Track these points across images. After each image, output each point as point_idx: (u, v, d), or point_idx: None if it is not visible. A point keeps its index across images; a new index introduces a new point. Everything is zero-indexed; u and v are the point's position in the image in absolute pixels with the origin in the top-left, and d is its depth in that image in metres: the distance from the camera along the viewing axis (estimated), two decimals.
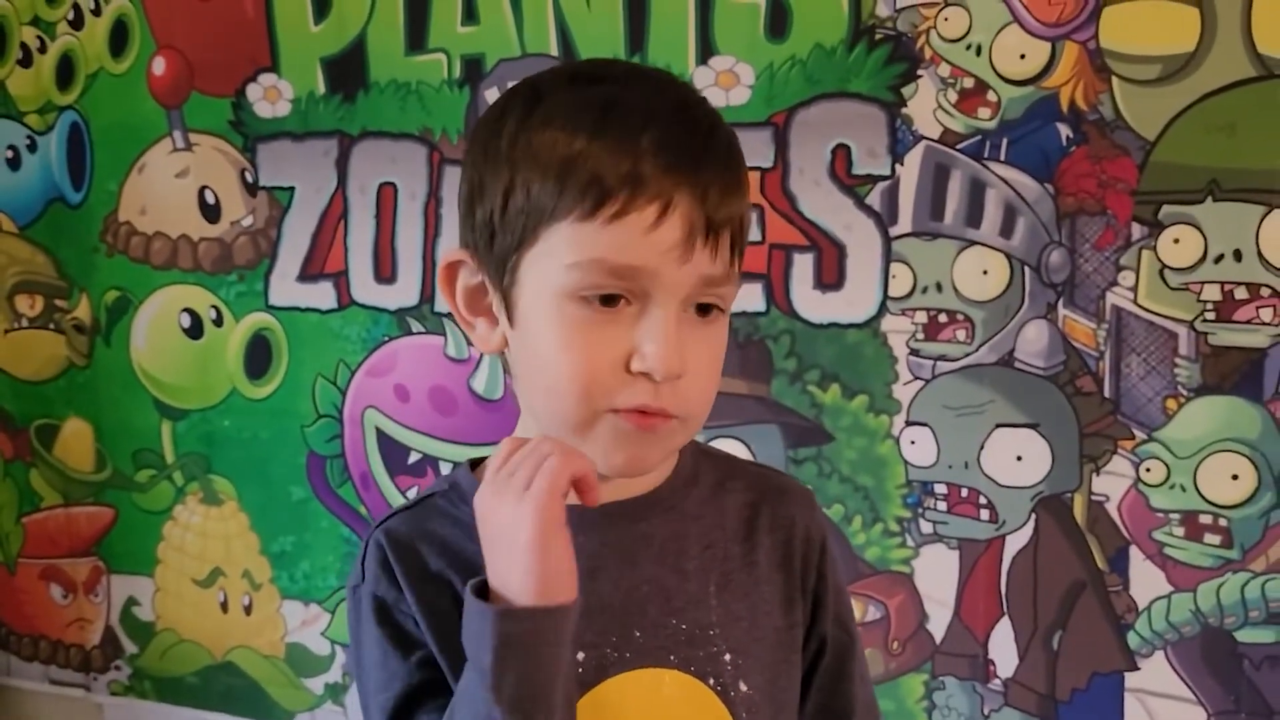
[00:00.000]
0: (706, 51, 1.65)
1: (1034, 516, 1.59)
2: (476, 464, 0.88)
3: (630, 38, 1.68)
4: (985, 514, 1.61)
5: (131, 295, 2.02)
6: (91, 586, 2.13)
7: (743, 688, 0.83)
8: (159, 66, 1.95)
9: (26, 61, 2.04)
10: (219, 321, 1.98)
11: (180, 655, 2.07)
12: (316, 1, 1.84)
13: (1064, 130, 1.52)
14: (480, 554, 0.77)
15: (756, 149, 1.63)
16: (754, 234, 1.65)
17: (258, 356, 1.96)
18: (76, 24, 2.00)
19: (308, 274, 1.91)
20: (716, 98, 1.64)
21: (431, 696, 0.78)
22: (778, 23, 1.61)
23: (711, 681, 0.82)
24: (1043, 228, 1.55)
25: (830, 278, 1.64)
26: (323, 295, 1.90)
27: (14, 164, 2.07)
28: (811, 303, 1.66)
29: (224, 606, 2.03)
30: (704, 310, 0.79)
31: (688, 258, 0.75)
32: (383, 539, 0.83)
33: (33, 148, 2.06)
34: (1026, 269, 1.56)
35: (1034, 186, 1.54)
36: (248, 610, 2.02)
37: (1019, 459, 1.59)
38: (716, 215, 0.76)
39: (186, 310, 1.99)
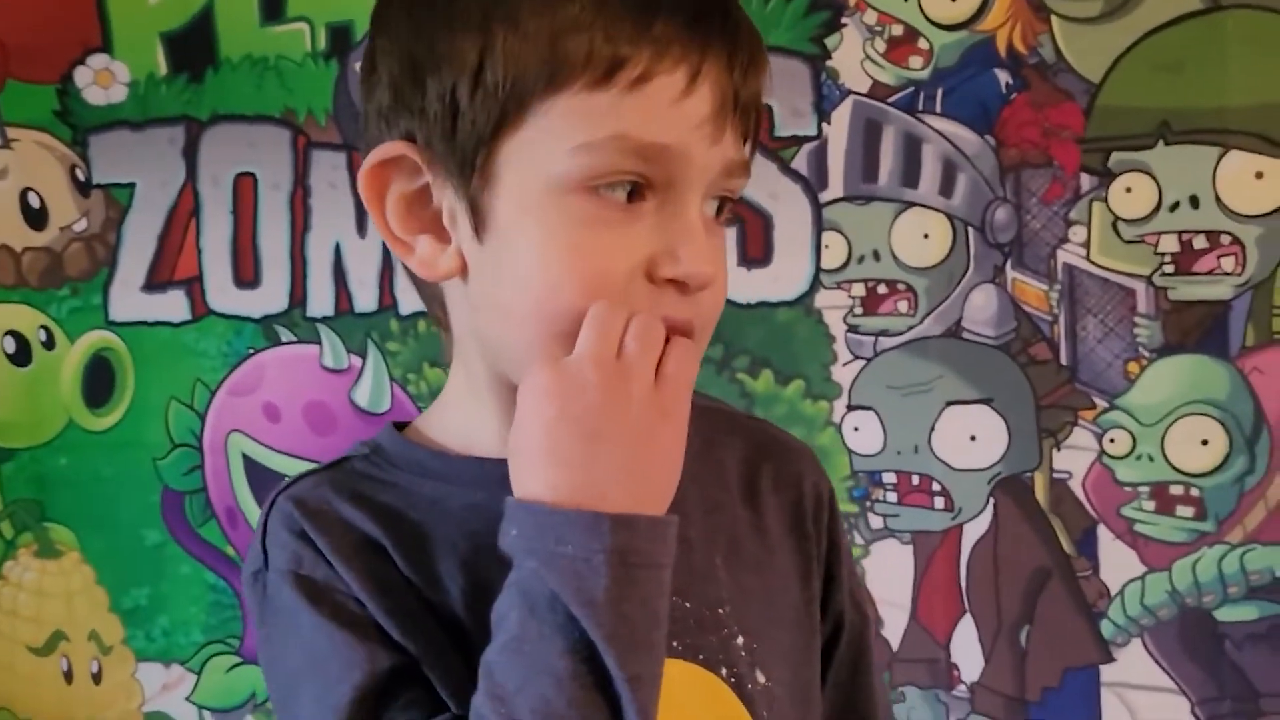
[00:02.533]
0: None
1: (992, 501, 1.45)
2: (402, 427, 0.71)
3: None
4: (939, 502, 1.47)
5: None
6: None
7: (760, 679, 0.67)
8: None
9: None
10: (50, 344, 1.71)
11: None
12: None
13: (1003, 77, 1.41)
14: (426, 523, 0.64)
15: None
16: None
17: (98, 381, 1.70)
18: None
19: (154, 283, 1.66)
20: None
21: (406, 685, 0.60)
22: None
23: (724, 672, 0.66)
24: (985, 184, 1.42)
25: (756, 252, 1.49)
26: (173, 306, 1.66)
27: None
28: (736, 280, 1.47)
29: (68, 676, 1.74)
30: (718, 210, 0.65)
31: (718, 136, 0.61)
32: (292, 508, 0.65)
33: None
34: (970, 230, 1.43)
35: (974, 139, 1.42)
36: (97, 678, 1.73)
37: (973, 439, 1.45)
38: (744, 89, 0.63)
39: (10, 333, 1.72)
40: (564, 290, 0.60)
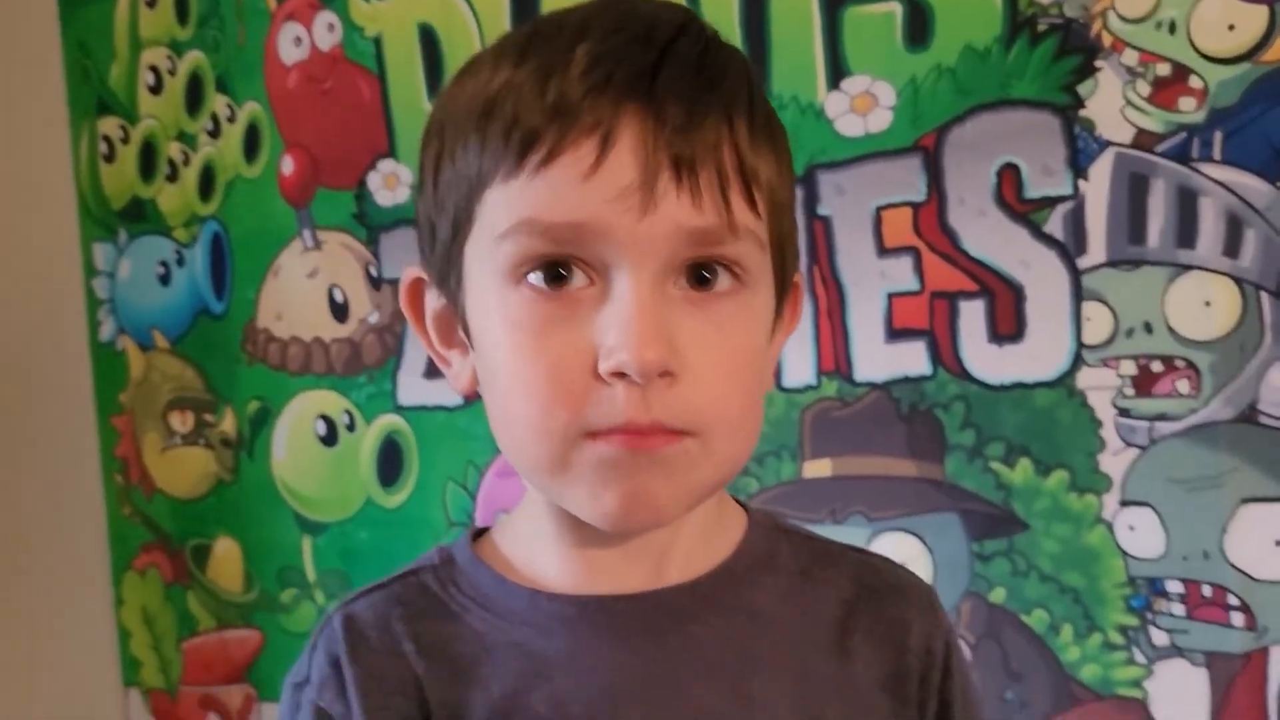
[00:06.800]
0: (838, 73, 1.40)
1: None
2: (480, 534, 0.68)
3: None
4: (1238, 619, 1.23)
5: (271, 405, 1.93)
6: (245, 716, 2.02)
7: None
8: (287, 166, 1.88)
9: (173, 176, 2.02)
10: (352, 426, 1.85)
11: None
12: (429, 75, 1.73)
13: None
14: (465, 660, 0.61)
15: (905, 180, 1.36)
16: (911, 282, 1.37)
17: (390, 462, 1.82)
18: (215, 133, 1.97)
19: (433, 369, 1.76)
20: (853, 126, 1.39)
21: None
22: (917, 28, 1.35)
23: None
24: None
25: (1008, 327, 1.33)
26: (448, 391, 1.74)
27: (165, 279, 2.04)
28: (987, 360, 1.35)
29: None
30: (701, 280, 0.56)
31: (649, 205, 0.53)
32: (340, 627, 0.63)
33: (181, 261, 2.03)
34: (1263, 294, 1.20)
35: (1264, 189, 1.20)
36: None
37: (1278, 545, 1.21)
38: (685, 147, 0.54)
39: (322, 417, 1.88)
40: (519, 401, 0.56)
